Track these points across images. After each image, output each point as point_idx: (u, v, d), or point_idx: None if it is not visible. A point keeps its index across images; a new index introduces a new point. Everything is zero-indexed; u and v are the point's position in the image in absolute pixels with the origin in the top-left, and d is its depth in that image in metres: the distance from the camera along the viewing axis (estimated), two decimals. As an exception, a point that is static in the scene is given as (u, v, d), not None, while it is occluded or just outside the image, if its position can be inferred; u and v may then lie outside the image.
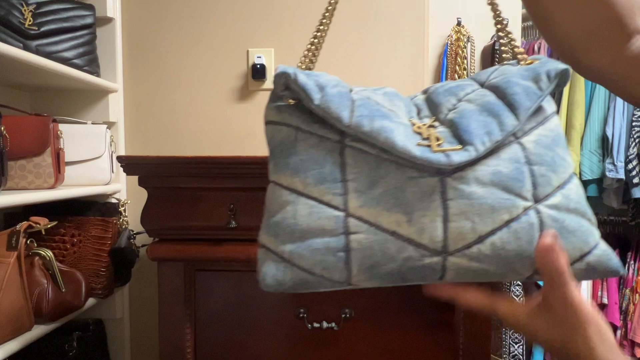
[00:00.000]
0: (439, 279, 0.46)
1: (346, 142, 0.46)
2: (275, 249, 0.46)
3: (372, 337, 0.83)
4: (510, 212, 0.43)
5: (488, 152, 0.44)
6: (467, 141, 0.43)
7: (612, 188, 1.79)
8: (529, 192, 0.44)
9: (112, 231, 1.18)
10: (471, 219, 0.43)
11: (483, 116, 0.45)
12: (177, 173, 0.80)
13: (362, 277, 0.45)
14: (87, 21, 1.22)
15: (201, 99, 1.43)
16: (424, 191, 0.44)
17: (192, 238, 0.82)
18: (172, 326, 0.83)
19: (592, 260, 0.45)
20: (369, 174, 0.45)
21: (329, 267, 0.44)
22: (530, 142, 0.46)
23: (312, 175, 0.45)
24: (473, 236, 0.43)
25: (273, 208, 0.47)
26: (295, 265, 0.45)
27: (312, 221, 0.44)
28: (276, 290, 0.46)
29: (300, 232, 0.44)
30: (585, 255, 0.44)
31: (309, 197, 0.45)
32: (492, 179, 0.44)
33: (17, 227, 0.94)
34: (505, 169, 0.44)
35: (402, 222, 0.44)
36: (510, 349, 1.61)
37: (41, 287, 0.98)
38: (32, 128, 1.06)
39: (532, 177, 0.45)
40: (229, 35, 1.42)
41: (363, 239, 0.44)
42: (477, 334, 0.82)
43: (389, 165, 0.45)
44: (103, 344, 1.32)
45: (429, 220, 0.43)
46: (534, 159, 0.45)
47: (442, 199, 0.44)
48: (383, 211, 0.44)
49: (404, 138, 0.43)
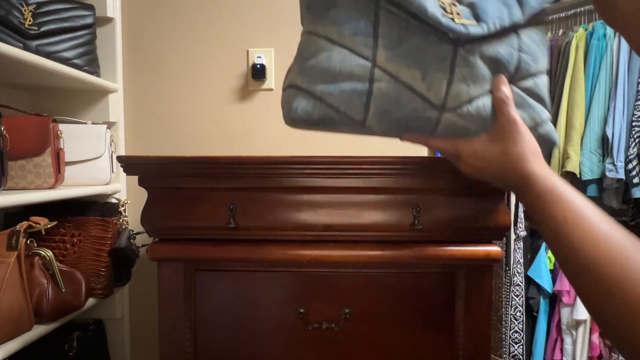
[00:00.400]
0: (431, 132, 0.57)
1: (381, 3, 0.53)
2: (307, 88, 0.54)
3: (372, 337, 0.83)
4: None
5: (494, 34, 0.53)
6: (482, 19, 0.52)
7: (612, 188, 1.79)
8: (511, 72, 0.57)
9: (112, 231, 1.18)
10: (467, 84, 0.54)
11: (499, 5, 0.54)
12: (177, 173, 0.80)
13: (375, 120, 0.55)
14: (87, 21, 1.22)
15: (201, 99, 1.43)
16: (439, 55, 0.53)
17: (192, 238, 0.82)
18: (172, 326, 0.83)
19: (542, 131, 0.59)
20: (398, 34, 0.52)
21: (352, 106, 0.53)
22: (525, 35, 0.57)
23: (348, 28, 0.52)
24: (466, 98, 0.55)
25: (308, 54, 0.54)
26: (324, 102, 0.53)
27: (344, 67, 0.52)
28: (303, 121, 0.55)
29: (332, 75, 0.52)
30: (538, 125, 0.59)
31: (344, 46, 0.52)
32: (491, 55, 0.54)
33: (17, 227, 0.94)
34: (503, 50, 0.55)
35: (417, 77, 0.53)
36: (510, 349, 1.61)
37: (41, 287, 0.98)
38: (32, 128, 1.06)
39: (518, 61, 0.56)
40: (229, 35, 1.42)
41: (384, 87, 0.53)
42: (477, 334, 0.82)
43: (415, 29, 0.53)
44: (103, 344, 1.32)
45: (437, 80, 0.53)
46: (524, 48, 0.57)
47: (451, 64, 0.53)
48: (404, 66, 0.53)
49: (434, 7, 0.51)
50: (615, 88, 1.75)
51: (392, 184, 0.80)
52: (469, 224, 0.80)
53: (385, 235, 0.81)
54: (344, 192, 0.81)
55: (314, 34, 0.54)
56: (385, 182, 0.80)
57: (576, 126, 1.82)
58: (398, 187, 0.80)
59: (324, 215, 0.81)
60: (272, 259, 0.80)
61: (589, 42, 1.86)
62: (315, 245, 0.80)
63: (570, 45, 1.89)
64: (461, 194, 0.80)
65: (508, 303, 1.57)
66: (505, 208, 0.81)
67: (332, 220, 0.80)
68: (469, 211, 0.80)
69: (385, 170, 0.78)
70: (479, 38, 0.53)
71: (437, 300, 0.83)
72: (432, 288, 0.83)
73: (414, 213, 0.79)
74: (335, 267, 0.83)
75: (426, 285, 0.83)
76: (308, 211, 0.81)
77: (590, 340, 1.85)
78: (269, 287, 0.84)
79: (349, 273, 0.83)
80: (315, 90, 0.53)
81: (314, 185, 0.80)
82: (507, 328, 1.59)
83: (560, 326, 1.93)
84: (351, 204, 0.81)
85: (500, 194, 0.81)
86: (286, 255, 0.80)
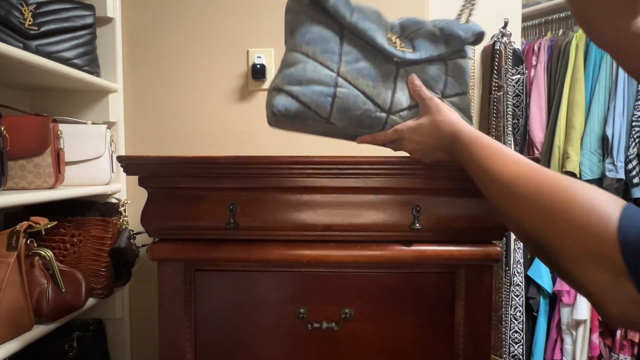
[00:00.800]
0: (380, 129, 0.75)
1: (345, 32, 0.72)
2: (287, 89, 0.70)
3: (372, 337, 0.83)
4: None
5: (426, 61, 0.75)
6: (417, 50, 0.75)
7: (612, 188, 1.79)
8: (441, 90, 0.77)
9: (112, 231, 1.18)
10: (406, 94, 0.75)
11: (430, 43, 0.76)
12: (177, 173, 0.80)
13: (338, 117, 0.72)
14: (87, 21, 1.22)
15: (201, 99, 1.43)
16: (385, 72, 0.74)
17: (192, 238, 0.82)
18: (172, 326, 0.83)
19: None
20: (356, 54, 0.72)
21: (320, 105, 0.70)
22: (452, 63, 0.78)
23: (319, 47, 0.71)
24: (405, 105, 0.75)
25: (288, 65, 0.72)
26: (299, 100, 0.70)
27: (315, 75, 0.70)
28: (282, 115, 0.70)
29: (306, 80, 0.70)
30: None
31: (316, 60, 0.70)
32: (424, 75, 0.76)
33: (17, 227, 0.94)
34: (433, 72, 0.77)
35: (370, 86, 0.72)
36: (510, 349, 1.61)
37: (41, 287, 0.98)
38: (32, 128, 1.06)
39: (445, 82, 0.77)
40: (229, 35, 1.42)
41: (345, 92, 0.71)
42: (477, 334, 0.82)
43: (368, 52, 0.73)
44: (103, 344, 1.32)
45: (384, 89, 0.73)
46: (450, 73, 0.78)
47: (394, 79, 0.74)
48: (360, 77, 0.72)
49: (381, 38, 0.73)
50: (615, 88, 1.75)
51: (392, 184, 0.80)
52: (469, 224, 0.80)
53: (385, 235, 0.81)
54: (344, 192, 0.81)
55: (294, 51, 0.71)
56: (385, 182, 0.80)
57: (576, 126, 1.82)
58: (398, 187, 0.80)
59: (324, 215, 0.81)
60: (272, 259, 0.80)
61: (589, 42, 1.86)
62: (315, 245, 0.81)
63: (570, 45, 1.89)
64: (461, 194, 0.80)
65: (508, 303, 1.57)
66: (505, 208, 0.81)
67: (332, 220, 0.80)
68: (469, 211, 0.80)
69: (385, 170, 0.78)
70: (415, 62, 0.75)
71: (437, 300, 0.83)
72: (432, 288, 0.83)
73: (414, 213, 0.79)
74: (335, 267, 0.83)
75: (426, 285, 0.83)
76: (308, 211, 0.81)
77: (590, 340, 1.85)
78: (269, 287, 0.84)
79: (349, 273, 0.83)
80: (292, 90, 0.70)
81: (314, 185, 0.80)
82: (507, 328, 1.59)
83: (560, 326, 1.93)
84: (351, 204, 0.81)
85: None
86: (286, 255, 0.80)
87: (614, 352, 1.80)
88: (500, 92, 1.49)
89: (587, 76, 1.84)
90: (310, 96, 0.69)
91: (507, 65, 1.48)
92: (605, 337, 1.84)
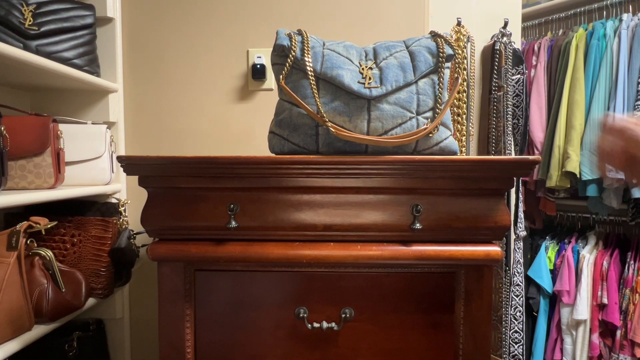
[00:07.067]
0: (364, 153, 0.83)
1: (320, 80, 0.83)
2: (279, 133, 0.85)
3: (372, 337, 0.83)
4: (402, 118, 0.82)
5: (395, 88, 0.82)
6: (384, 83, 0.81)
7: (612, 188, 1.79)
8: (414, 109, 0.83)
9: (112, 231, 1.18)
10: (381, 121, 0.81)
11: (398, 70, 0.83)
12: (177, 173, 0.80)
13: (324, 149, 0.83)
14: (87, 21, 1.22)
15: (201, 99, 1.43)
16: (358, 106, 0.81)
17: (192, 238, 0.82)
18: (172, 326, 0.83)
19: (442, 145, 0.86)
20: (331, 95, 0.82)
21: (307, 143, 0.83)
22: (422, 82, 0.84)
23: (300, 95, 0.82)
24: (382, 131, 0.81)
25: (280, 112, 0.87)
26: (290, 142, 0.84)
27: (299, 119, 0.83)
28: (280, 153, 0.84)
29: (293, 125, 0.84)
30: (439, 143, 0.85)
31: (299, 106, 0.82)
32: (395, 101, 0.82)
33: (17, 227, 0.94)
34: (403, 96, 0.83)
35: (346, 121, 0.81)
36: (510, 349, 1.61)
37: (41, 287, 0.98)
38: (32, 128, 1.06)
39: (417, 101, 0.83)
40: (229, 35, 1.42)
41: (325, 129, 0.81)
42: (477, 334, 0.82)
43: (342, 92, 0.82)
44: (103, 344, 1.32)
45: (359, 121, 0.81)
46: (421, 91, 0.84)
47: (368, 111, 0.81)
48: (336, 115, 0.81)
49: (350, 80, 0.81)
50: (615, 88, 1.75)
51: (392, 184, 0.80)
52: (469, 224, 0.80)
53: (385, 235, 0.81)
54: (344, 192, 0.81)
55: (283, 100, 0.86)
56: (385, 182, 0.80)
57: (576, 126, 1.82)
58: (398, 187, 0.80)
59: (324, 215, 0.81)
60: (272, 258, 0.80)
61: (589, 42, 1.86)
62: (315, 245, 0.81)
63: (570, 45, 1.90)
64: (461, 194, 0.80)
65: (508, 303, 1.57)
66: (505, 208, 0.81)
67: (332, 220, 0.80)
68: (469, 211, 0.80)
69: (385, 170, 0.78)
70: (383, 95, 0.81)
71: (437, 300, 0.83)
72: (432, 288, 0.83)
73: (414, 213, 0.79)
74: (335, 267, 0.83)
75: (426, 285, 0.83)
76: (308, 211, 0.81)
77: (590, 340, 1.85)
78: (269, 287, 0.84)
79: (349, 273, 0.83)
80: (283, 134, 0.85)
81: (314, 185, 0.80)
82: (507, 328, 1.59)
83: (560, 326, 1.93)
84: (351, 204, 0.81)
85: (500, 194, 0.81)
86: (286, 255, 0.80)
87: (614, 352, 1.80)
88: (500, 92, 1.49)
89: (587, 76, 1.84)
90: (298, 137, 0.83)
91: (507, 65, 1.48)
92: (605, 337, 1.84)
